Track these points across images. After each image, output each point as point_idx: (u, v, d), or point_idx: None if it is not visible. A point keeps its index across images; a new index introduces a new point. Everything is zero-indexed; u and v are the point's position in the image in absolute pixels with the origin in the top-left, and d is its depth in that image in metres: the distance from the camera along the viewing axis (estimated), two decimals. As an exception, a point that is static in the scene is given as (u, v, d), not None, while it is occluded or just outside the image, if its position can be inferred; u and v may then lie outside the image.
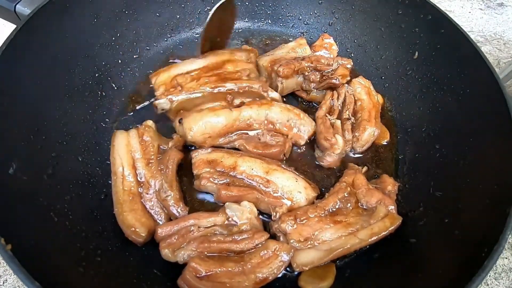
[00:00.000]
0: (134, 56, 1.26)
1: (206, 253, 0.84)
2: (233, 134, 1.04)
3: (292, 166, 1.02)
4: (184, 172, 1.04)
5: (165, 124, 1.12)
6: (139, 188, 0.95)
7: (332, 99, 1.14)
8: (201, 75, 1.10)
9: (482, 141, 0.91)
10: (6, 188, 0.76)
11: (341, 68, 1.14)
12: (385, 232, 0.87)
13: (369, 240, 0.86)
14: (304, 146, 1.11)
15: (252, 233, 0.86)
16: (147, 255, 0.90)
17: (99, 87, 1.14)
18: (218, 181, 0.94)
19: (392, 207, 0.92)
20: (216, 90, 1.07)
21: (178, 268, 0.85)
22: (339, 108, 1.12)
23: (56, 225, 0.81)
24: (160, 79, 1.09)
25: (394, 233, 0.90)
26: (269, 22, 1.40)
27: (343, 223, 0.89)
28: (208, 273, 0.80)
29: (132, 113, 1.16)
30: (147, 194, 0.94)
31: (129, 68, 1.23)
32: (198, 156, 0.99)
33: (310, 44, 1.28)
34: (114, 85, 1.18)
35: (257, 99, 1.10)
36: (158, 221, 0.92)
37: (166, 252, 0.85)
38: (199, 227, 0.88)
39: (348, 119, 1.10)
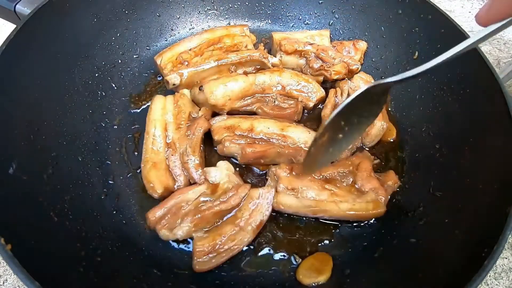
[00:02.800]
0: (134, 56, 1.26)
1: (202, 227, 0.89)
2: (249, 97, 1.11)
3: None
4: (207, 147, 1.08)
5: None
6: (166, 149, 1.00)
7: (336, 96, 1.14)
8: (203, 50, 1.19)
9: (482, 141, 0.91)
10: (6, 188, 0.76)
11: (341, 66, 1.16)
12: (364, 213, 0.91)
13: (347, 213, 0.91)
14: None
15: (235, 189, 0.92)
16: (147, 255, 0.90)
17: (99, 87, 1.14)
18: (240, 141, 1.00)
19: (382, 198, 0.94)
20: (220, 62, 1.14)
21: (178, 268, 0.85)
22: None
23: (56, 225, 0.81)
24: (166, 57, 1.17)
25: (394, 232, 0.90)
26: (269, 22, 1.40)
27: (331, 191, 0.93)
28: (215, 247, 0.86)
29: (135, 111, 1.16)
30: (173, 155, 0.99)
31: (129, 68, 1.24)
32: (216, 124, 1.05)
33: (338, 40, 1.31)
34: (114, 85, 1.18)
35: (258, 66, 1.19)
36: (177, 181, 0.97)
37: (164, 233, 0.87)
38: (187, 201, 0.91)
39: None
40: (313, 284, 0.87)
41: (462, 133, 0.97)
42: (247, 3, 1.38)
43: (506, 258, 1.02)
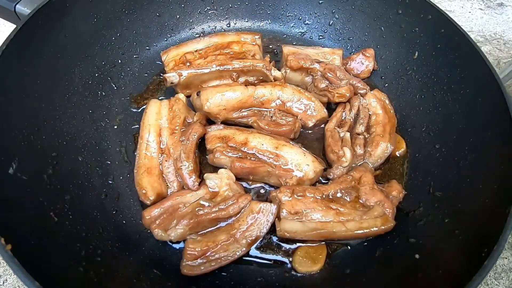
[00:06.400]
0: (134, 56, 1.26)
1: (197, 231, 0.89)
2: (246, 110, 1.08)
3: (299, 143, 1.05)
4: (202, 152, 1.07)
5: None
6: (160, 155, 1.00)
7: (344, 111, 1.12)
8: (209, 53, 1.18)
9: (482, 141, 0.91)
10: (6, 188, 0.76)
11: (346, 89, 1.10)
12: (373, 230, 0.88)
13: (355, 232, 0.88)
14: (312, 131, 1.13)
15: (236, 198, 0.90)
16: (147, 255, 0.90)
17: (99, 87, 1.14)
18: (231, 154, 0.98)
19: (389, 211, 0.91)
20: (222, 68, 1.13)
21: (178, 268, 0.85)
22: (351, 121, 1.10)
23: (56, 225, 0.81)
24: (170, 55, 1.17)
25: (394, 232, 0.90)
26: (269, 22, 1.40)
27: (336, 211, 0.91)
28: (206, 253, 0.85)
29: (135, 111, 1.16)
30: (166, 161, 0.99)
31: (129, 68, 1.24)
32: (211, 132, 1.03)
33: (349, 55, 1.27)
34: (114, 85, 1.18)
35: (261, 77, 1.15)
36: (170, 188, 0.97)
37: (157, 232, 0.87)
38: (185, 204, 0.91)
39: (360, 133, 1.07)
40: (308, 274, 0.88)
41: (462, 133, 0.97)
42: (247, 3, 1.38)
43: (506, 258, 1.02)
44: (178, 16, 1.34)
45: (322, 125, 1.12)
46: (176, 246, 0.92)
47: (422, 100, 1.13)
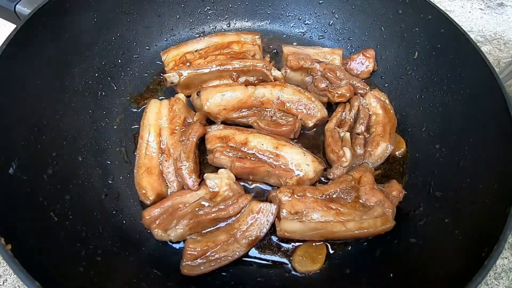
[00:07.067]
0: (134, 56, 1.26)
1: (197, 231, 0.89)
2: (246, 110, 1.08)
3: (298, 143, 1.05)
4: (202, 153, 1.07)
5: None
6: (160, 155, 1.00)
7: (344, 111, 1.12)
8: (209, 53, 1.18)
9: (482, 141, 0.91)
10: (6, 188, 0.76)
11: (346, 89, 1.10)
12: (373, 230, 0.87)
13: (355, 232, 0.87)
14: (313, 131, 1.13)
15: (236, 198, 0.90)
16: (147, 255, 0.90)
17: (99, 87, 1.14)
18: (231, 154, 0.98)
19: (389, 211, 0.91)
20: (222, 68, 1.13)
21: (178, 268, 0.85)
22: (351, 121, 1.10)
23: (56, 225, 0.81)
24: (170, 55, 1.18)
25: (394, 232, 0.90)
26: (269, 22, 1.40)
27: (336, 211, 0.90)
28: (206, 253, 0.85)
29: (135, 111, 1.16)
30: (166, 161, 0.99)
31: (129, 68, 1.24)
32: (211, 132, 1.03)
33: (349, 55, 1.28)
34: (114, 85, 1.18)
35: (261, 77, 1.15)
36: (170, 187, 0.97)
37: (157, 232, 0.87)
38: (185, 204, 0.91)
39: (360, 133, 1.08)
40: (308, 274, 0.88)
41: (462, 133, 0.97)
42: (247, 3, 1.38)
43: (506, 258, 1.02)
44: (178, 16, 1.34)
45: (322, 125, 1.12)
46: (176, 246, 0.92)
47: (422, 100, 1.13)
